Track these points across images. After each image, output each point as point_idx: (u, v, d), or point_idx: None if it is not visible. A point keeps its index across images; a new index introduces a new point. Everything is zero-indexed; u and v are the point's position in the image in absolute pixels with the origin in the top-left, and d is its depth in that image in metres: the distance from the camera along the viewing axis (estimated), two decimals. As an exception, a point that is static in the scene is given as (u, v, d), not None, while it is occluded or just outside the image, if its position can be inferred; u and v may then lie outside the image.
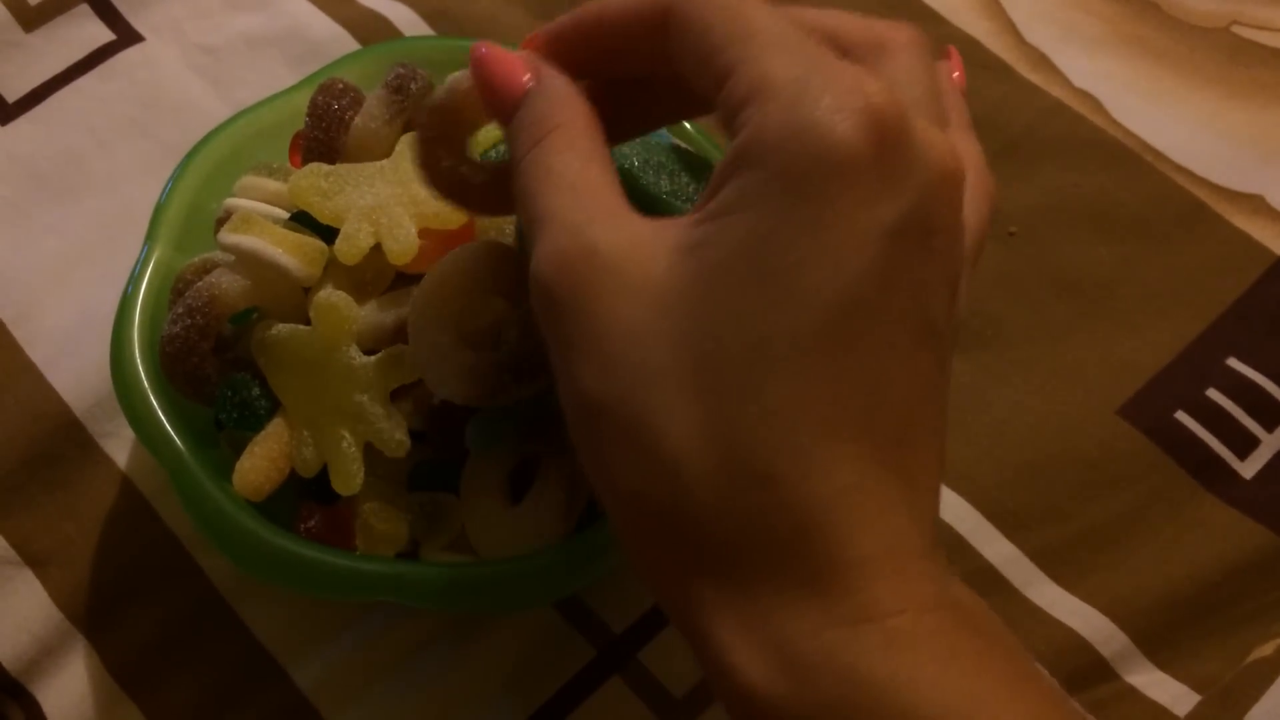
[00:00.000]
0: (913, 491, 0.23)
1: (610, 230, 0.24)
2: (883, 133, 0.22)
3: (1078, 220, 0.46)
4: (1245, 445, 0.42)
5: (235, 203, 0.38)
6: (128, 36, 0.51)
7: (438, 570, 0.34)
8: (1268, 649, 0.37)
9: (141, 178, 0.47)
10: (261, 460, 0.34)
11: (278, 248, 0.35)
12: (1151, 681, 0.38)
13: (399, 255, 0.34)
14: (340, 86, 0.39)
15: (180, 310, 0.35)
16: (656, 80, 0.28)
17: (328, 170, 0.36)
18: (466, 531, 0.35)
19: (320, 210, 0.35)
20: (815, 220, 0.22)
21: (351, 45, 0.50)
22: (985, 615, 0.23)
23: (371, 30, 0.51)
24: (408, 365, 0.33)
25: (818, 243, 0.22)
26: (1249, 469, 0.41)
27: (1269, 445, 0.42)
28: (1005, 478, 0.41)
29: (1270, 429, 0.42)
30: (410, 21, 0.51)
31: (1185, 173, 0.48)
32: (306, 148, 0.38)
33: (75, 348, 0.43)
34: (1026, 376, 0.43)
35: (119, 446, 0.42)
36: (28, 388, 0.43)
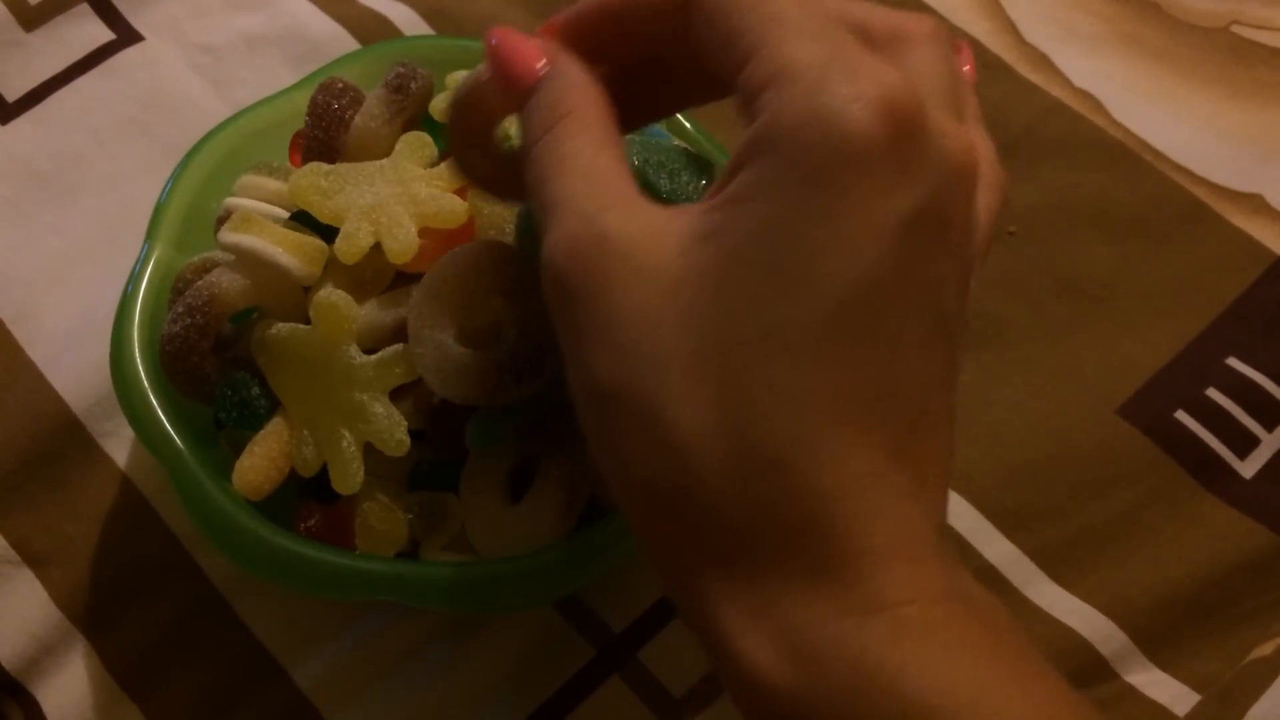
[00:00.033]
0: (922, 483, 0.23)
1: (623, 217, 0.23)
2: (900, 123, 0.22)
3: (1077, 220, 0.46)
4: (1245, 445, 0.42)
5: (235, 202, 0.38)
6: (127, 36, 0.51)
7: (437, 569, 0.34)
8: (1267, 648, 0.37)
9: (141, 177, 0.47)
10: (261, 459, 0.34)
11: (278, 247, 0.35)
12: (1151, 681, 0.38)
13: (399, 254, 0.34)
14: (340, 86, 0.39)
15: (180, 309, 0.35)
16: (673, 64, 0.28)
17: (327, 169, 0.36)
18: (466, 531, 0.35)
19: (320, 209, 0.35)
20: (831, 209, 0.22)
21: (351, 44, 0.51)
22: (994, 607, 0.23)
23: (371, 29, 0.51)
24: (408, 364, 0.33)
25: (833, 231, 0.22)
26: (1249, 468, 0.41)
27: (1269, 445, 0.42)
28: (1005, 477, 0.41)
29: (1270, 428, 0.42)
30: (410, 21, 0.51)
31: (1185, 172, 0.48)
32: (306, 147, 0.38)
33: (75, 347, 0.43)
34: (1026, 376, 0.43)
35: (119, 446, 0.42)
36: (28, 387, 0.43)
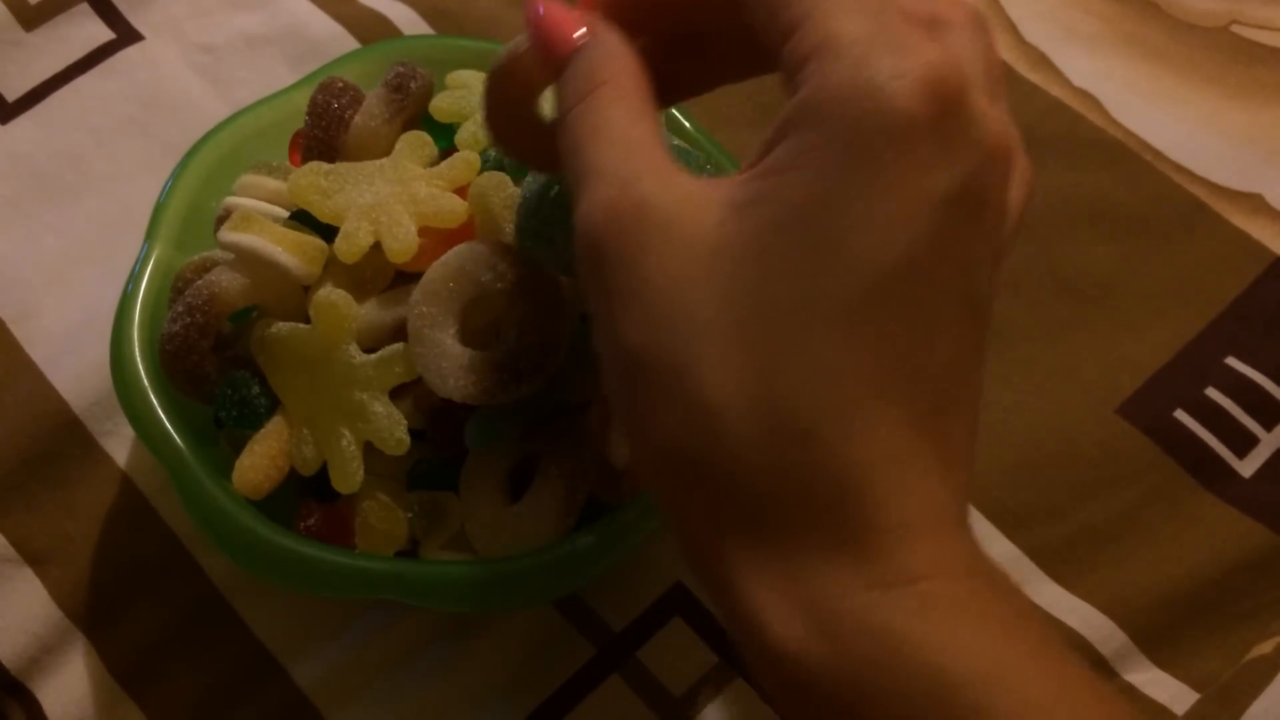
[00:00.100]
0: (949, 461, 0.23)
1: (659, 186, 0.23)
2: (943, 101, 0.22)
3: (1077, 219, 0.46)
4: (1244, 444, 0.42)
5: (235, 201, 0.38)
6: (127, 35, 0.51)
7: (437, 568, 0.34)
8: (1266, 647, 0.37)
9: (141, 176, 0.47)
10: (261, 458, 0.34)
11: (277, 246, 0.35)
12: (1150, 680, 0.38)
13: (398, 254, 0.34)
14: (340, 85, 0.39)
15: (180, 309, 0.35)
16: (711, 39, 0.28)
17: (327, 169, 0.36)
18: (466, 530, 0.35)
19: (320, 209, 0.35)
20: (871, 183, 0.22)
21: (351, 44, 0.51)
22: (1014, 589, 0.23)
23: (371, 29, 0.51)
24: (407, 364, 0.33)
25: (872, 206, 0.22)
26: (1248, 468, 0.41)
27: (1268, 444, 0.42)
28: (1005, 477, 0.41)
29: (1269, 428, 0.42)
30: (410, 20, 0.51)
31: (1184, 172, 0.48)
32: (306, 146, 0.38)
33: (75, 346, 0.43)
34: (1026, 376, 0.43)
35: (119, 445, 0.42)
36: (28, 386, 0.43)
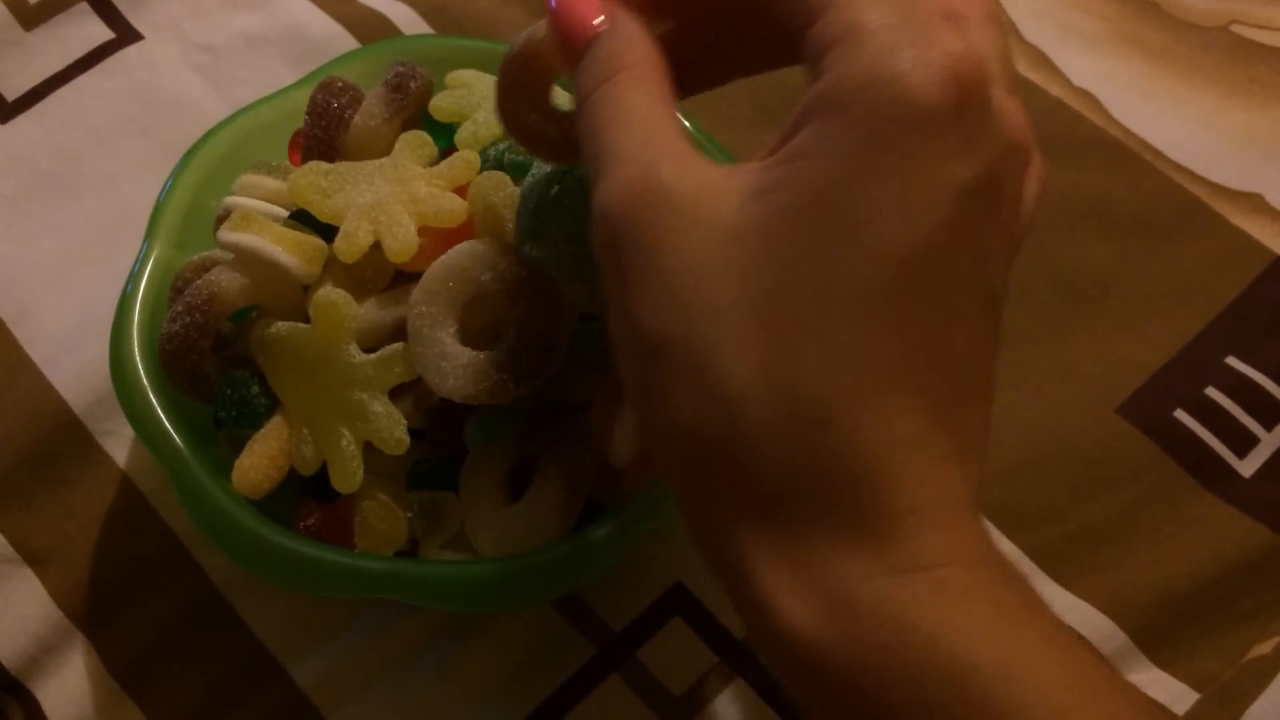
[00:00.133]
0: (962, 451, 0.23)
1: (678, 171, 0.24)
2: (965, 92, 0.22)
3: (1077, 219, 0.46)
4: (1244, 444, 0.42)
5: (235, 201, 0.38)
6: (127, 35, 0.51)
7: (437, 568, 0.34)
8: (1266, 647, 0.37)
9: (141, 176, 0.47)
10: (261, 458, 0.34)
11: (277, 246, 0.35)
12: (1150, 680, 0.38)
13: (398, 253, 0.34)
14: (339, 85, 0.39)
15: (179, 308, 0.35)
16: (727, 31, 0.28)
17: (327, 168, 0.36)
18: (466, 530, 0.35)
19: (319, 208, 0.35)
20: (892, 171, 0.22)
21: (351, 43, 0.51)
22: (1024, 579, 0.23)
23: (371, 28, 0.51)
24: (407, 363, 0.33)
25: (893, 194, 0.22)
26: (1248, 467, 0.41)
27: (1268, 444, 0.42)
28: (1005, 476, 0.41)
29: (1269, 427, 0.42)
30: (409, 20, 0.51)
31: (1184, 171, 0.48)
32: (306, 146, 0.38)
33: (75, 346, 0.43)
34: (1025, 375, 0.43)
35: (119, 445, 0.42)
36: (27, 386, 0.43)
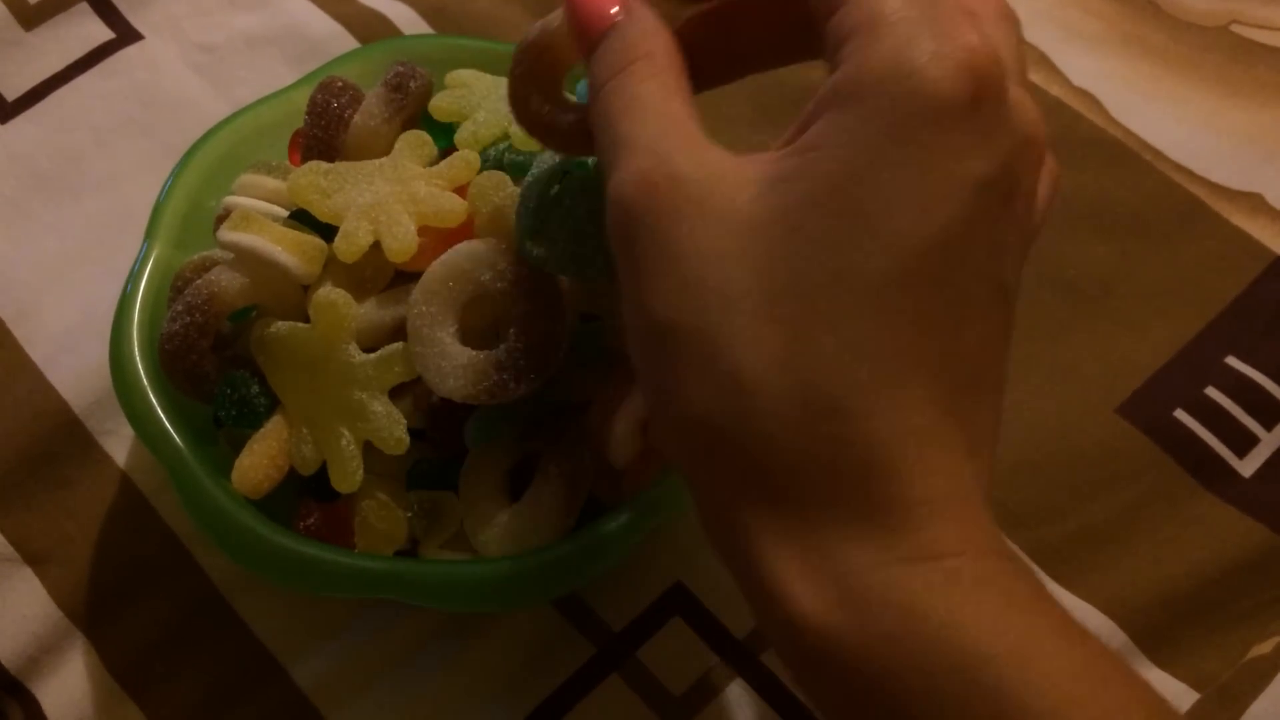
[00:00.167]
0: (973, 443, 0.23)
1: (694, 160, 0.24)
2: (982, 86, 0.22)
3: (1076, 219, 0.46)
4: (1244, 443, 0.42)
5: (234, 200, 0.38)
6: (127, 35, 0.51)
7: (436, 568, 0.34)
8: (1266, 647, 0.37)
9: (141, 176, 0.47)
10: (261, 458, 0.34)
11: (277, 245, 0.35)
12: (1150, 679, 0.37)
13: (398, 253, 0.34)
14: (339, 85, 0.39)
15: (179, 308, 0.35)
16: (747, 21, 0.28)
17: (327, 168, 0.36)
18: (465, 529, 0.35)
19: (319, 208, 0.35)
20: (907, 162, 0.22)
21: (351, 43, 0.51)
22: (1031, 572, 0.23)
23: (371, 28, 0.51)
24: (407, 363, 0.33)
25: (909, 185, 0.22)
26: (1247, 467, 0.41)
27: (1268, 444, 0.42)
28: (1004, 476, 0.41)
29: (1269, 427, 0.42)
30: (409, 20, 0.51)
31: (1184, 171, 0.48)
32: (306, 146, 0.38)
33: (75, 346, 0.43)
34: (1025, 375, 0.43)
35: (118, 445, 0.42)
36: (27, 386, 0.43)
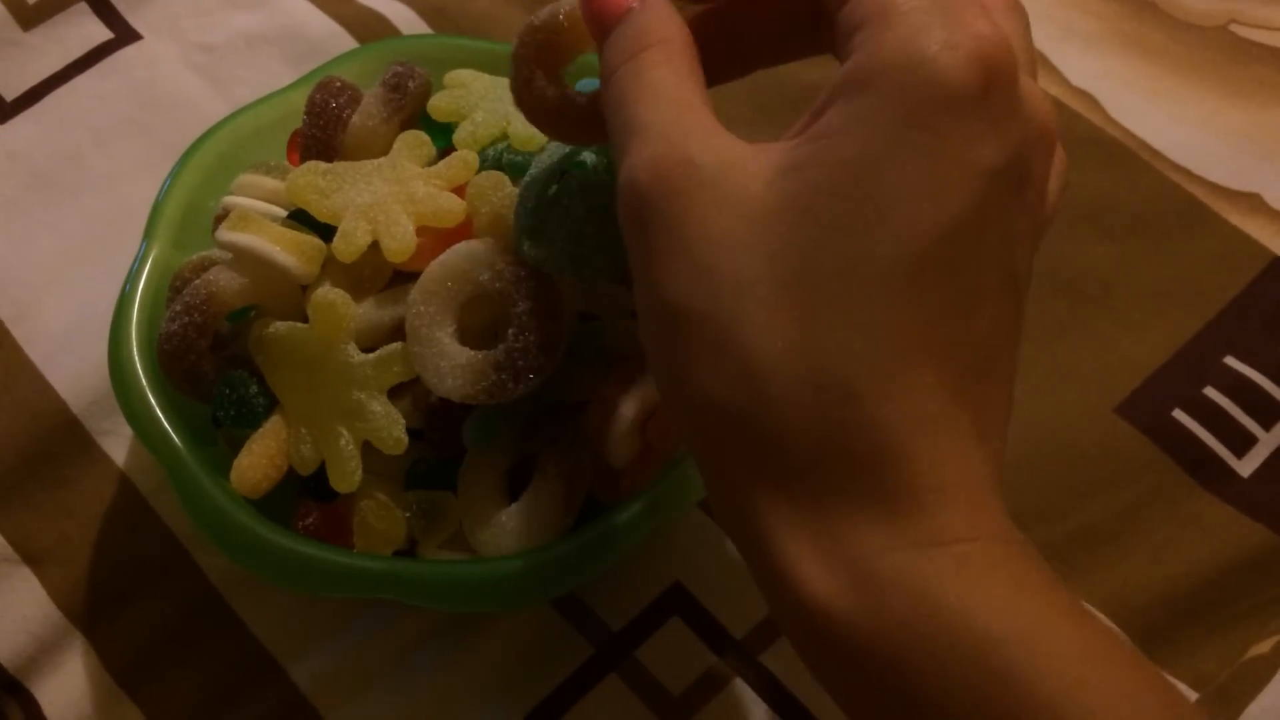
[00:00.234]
0: (984, 430, 0.23)
1: (707, 146, 0.24)
2: (993, 75, 0.22)
3: (1075, 219, 0.46)
4: (1243, 443, 0.42)
5: (233, 200, 0.38)
6: (126, 35, 0.51)
7: (435, 568, 0.34)
8: (1265, 646, 0.37)
9: (139, 176, 0.47)
10: (259, 458, 0.34)
11: (275, 245, 0.35)
12: (1149, 679, 0.38)
13: (396, 253, 0.34)
14: (338, 85, 0.39)
15: (178, 308, 0.35)
16: (756, 13, 0.28)
17: (325, 168, 0.36)
18: (464, 529, 0.35)
19: (318, 208, 0.35)
20: (922, 150, 0.22)
21: (349, 43, 0.51)
22: (1042, 558, 0.23)
23: (369, 28, 0.51)
24: (405, 363, 0.33)
25: (922, 173, 0.22)
26: (1246, 467, 0.41)
27: (1266, 443, 0.42)
28: (1003, 476, 0.41)
29: (1267, 427, 0.42)
30: (408, 20, 0.51)
31: (1183, 171, 0.48)
32: (304, 146, 0.38)
33: (73, 346, 0.43)
34: (1024, 375, 0.42)
35: (117, 444, 0.42)
36: (26, 386, 0.43)
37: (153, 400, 0.35)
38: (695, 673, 0.37)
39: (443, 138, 0.38)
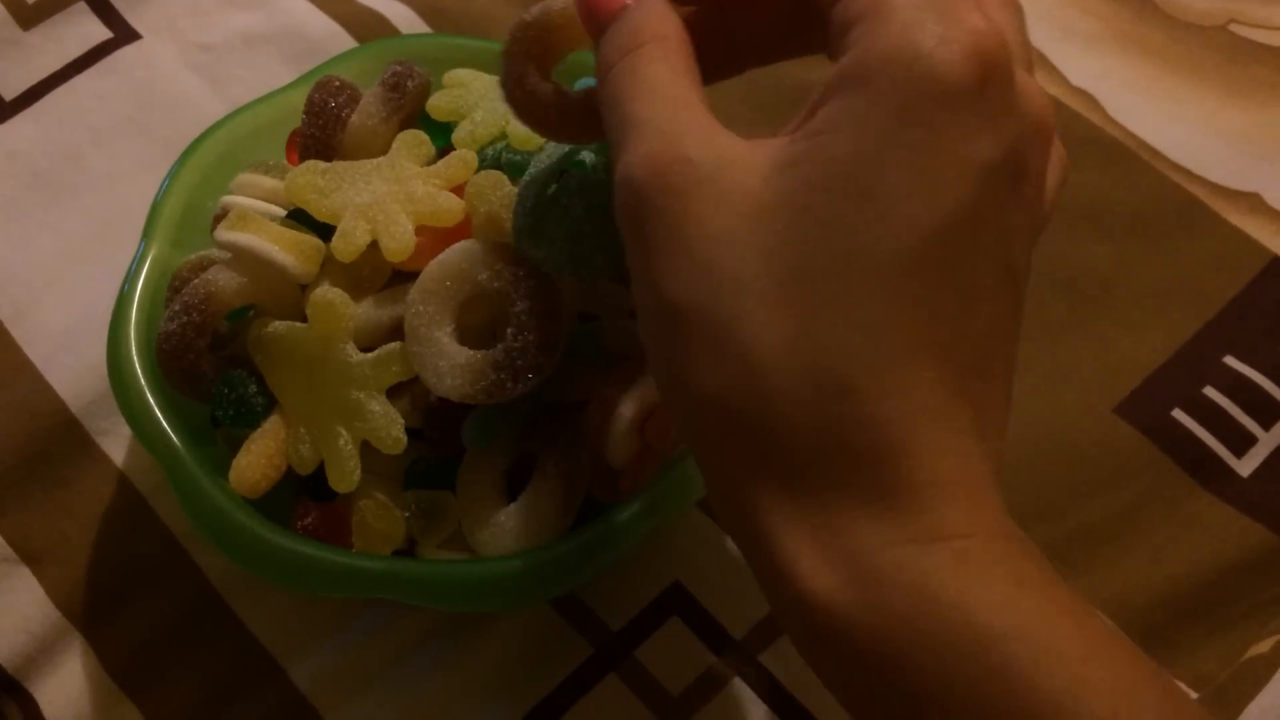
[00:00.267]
0: (983, 426, 0.23)
1: (704, 143, 0.24)
2: (989, 70, 0.22)
3: (1075, 218, 0.46)
4: (1242, 443, 0.42)
5: (232, 200, 0.38)
6: (125, 34, 0.51)
7: (434, 568, 0.34)
8: (1264, 646, 0.37)
9: (138, 175, 0.47)
10: (258, 457, 0.34)
11: (274, 245, 0.35)
12: (1149, 679, 0.38)
13: (395, 252, 0.34)
14: (337, 84, 0.39)
15: (177, 307, 0.35)
16: (749, 12, 0.28)
17: (324, 168, 0.36)
18: (463, 529, 0.35)
19: (317, 208, 0.35)
20: (918, 146, 0.22)
21: (348, 43, 0.50)
22: (1041, 554, 0.23)
23: (369, 28, 0.51)
24: (404, 362, 0.33)
25: (918, 168, 0.22)
26: (1246, 467, 0.41)
27: (1266, 443, 0.42)
28: (1002, 475, 0.41)
29: (1267, 427, 0.42)
30: (407, 19, 0.51)
31: (1182, 171, 0.48)
32: (303, 145, 0.38)
33: (72, 345, 0.43)
34: (1023, 375, 0.42)
35: (116, 444, 0.42)
36: (25, 386, 0.43)
37: (151, 400, 0.35)
38: (695, 673, 0.37)
39: (442, 137, 0.38)
